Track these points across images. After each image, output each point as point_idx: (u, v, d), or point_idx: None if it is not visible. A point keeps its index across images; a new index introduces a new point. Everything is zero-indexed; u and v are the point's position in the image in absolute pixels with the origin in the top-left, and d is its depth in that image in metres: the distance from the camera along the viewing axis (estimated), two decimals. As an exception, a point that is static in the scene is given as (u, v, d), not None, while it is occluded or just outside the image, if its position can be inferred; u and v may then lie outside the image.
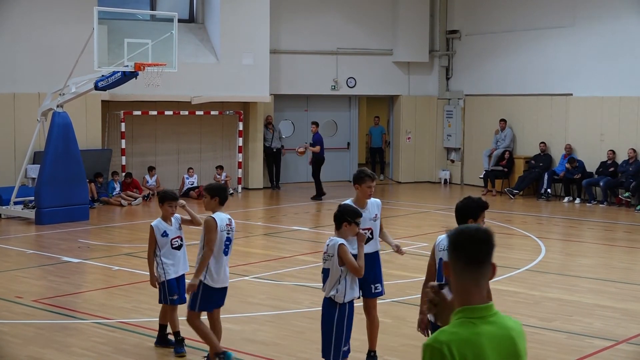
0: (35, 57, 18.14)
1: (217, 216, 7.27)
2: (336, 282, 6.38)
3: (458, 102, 23.85)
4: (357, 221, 6.43)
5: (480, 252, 3.00)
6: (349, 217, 6.40)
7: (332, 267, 6.38)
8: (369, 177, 7.32)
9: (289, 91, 22.70)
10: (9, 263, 12.06)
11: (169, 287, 7.68)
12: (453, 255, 3.01)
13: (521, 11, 22.11)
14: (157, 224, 7.74)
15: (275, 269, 11.63)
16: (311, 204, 19.27)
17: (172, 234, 7.74)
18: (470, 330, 2.92)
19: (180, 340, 7.75)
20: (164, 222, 7.76)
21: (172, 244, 7.71)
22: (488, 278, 3.05)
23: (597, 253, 13.57)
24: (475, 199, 5.75)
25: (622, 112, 19.76)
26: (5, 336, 8.21)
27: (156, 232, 7.69)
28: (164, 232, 7.71)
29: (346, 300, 6.38)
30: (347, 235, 6.42)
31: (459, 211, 5.67)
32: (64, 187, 15.85)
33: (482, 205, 5.69)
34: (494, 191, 21.31)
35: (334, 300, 6.38)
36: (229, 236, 7.29)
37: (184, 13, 21.23)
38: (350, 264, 6.31)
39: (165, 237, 7.70)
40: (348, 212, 6.46)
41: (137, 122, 20.44)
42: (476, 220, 5.61)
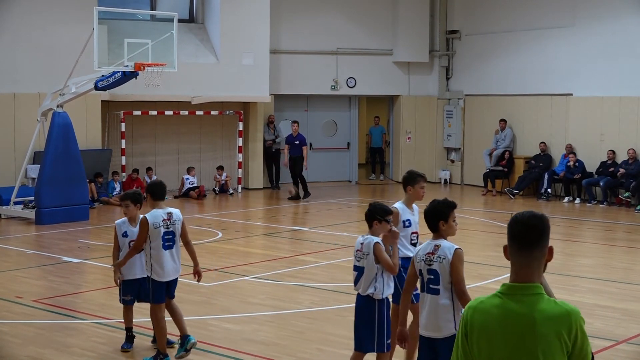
0: (35, 57, 18.14)
1: (150, 214, 7.36)
2: (373, 280, 6.36)
3: (458, 102, 23.85)
4: (387, 219, 6.37)
5: (529, 237, 3.22)
6: (378, 215, 6.36)
7: (367, 265, 6.36)
8: (422, 177, 7.24)
9: (289, 91, 22.70)
10: (9, 263, 12.06)
11: (122, 288, 7.79)
12: (508, 240, 3.27)
13: (521, 11, 22.11)
14: (120, 224, 7.79)
15: (275, 269, 11.63)
16: (311, 204, 19.26)
17: (132, 235, 7.66)
18: (492, 302, 3.18)
19: (130, 337, 7.86)
20: (127, 223, 7.76)
21: (129, 246, 7.64)
22: (542, 259, 3.25)
23: (597, 253, 13.57)
24: (442, 200, 5.71)
25: (622, 112, 19.76)
26: (5, 336, 8.21)
27: (117, 232, 7.74)
28: (125, 232, 7.75)
29: (384, 296, 6.38)
30: (379, 234, 6.38)
31: (428, 215, 5.61)
32: (64, 187, 15.85)
33: (450, 205, 5.68)
34: (494, 191, 21.31)
35: (373, 297, 6.36)
36: (168, 230, 7.39)
37: (184, 13, 21.23)
38: (386, 262, 6.29)
39: (124, 238, 7.72)
40: (378, 210, 6.40)
41: (137, 122, 20.44)
42: (447, 220, 5.59)
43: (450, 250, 5.48)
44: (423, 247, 5.63)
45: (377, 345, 6.38)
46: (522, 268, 3.20)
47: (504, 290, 3.18)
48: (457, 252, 5.49)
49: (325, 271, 11.54)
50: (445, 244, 5.53)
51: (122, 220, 7.83)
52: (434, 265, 5.49)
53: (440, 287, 5.47)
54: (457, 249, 5.50)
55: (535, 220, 3.24)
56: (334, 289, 10.38)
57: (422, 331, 5.56)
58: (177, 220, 7.49)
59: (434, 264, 5.49)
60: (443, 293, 5.47)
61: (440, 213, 5.59)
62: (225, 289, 10.32)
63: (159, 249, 7.35)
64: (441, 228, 5.59)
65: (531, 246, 3.21)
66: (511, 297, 3.15)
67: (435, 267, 5.49)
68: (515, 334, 3.09)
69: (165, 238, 7.38)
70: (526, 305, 3.13)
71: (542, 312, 3.10)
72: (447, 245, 5.52)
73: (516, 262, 3.22)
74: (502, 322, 3.12)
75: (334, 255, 12.73)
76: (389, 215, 6.41)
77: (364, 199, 20.73)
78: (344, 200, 19.89)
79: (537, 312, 3.10)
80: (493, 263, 12.28)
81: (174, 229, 7.45)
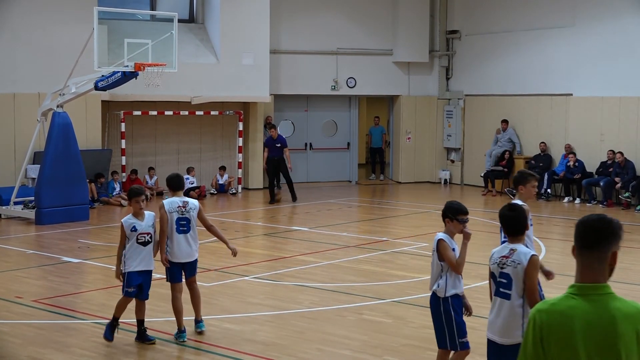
0: (35, 57, 18.14)
1: (167, 201, 8.16)
2: (438, 277, 6.33)
3: (458, 102, 23.85)
4: (458, 218, 6.32)
5: (589, 238, 3.28)
6: (450, 214, 6.34)
7: (433, 261, 6.36)
8: (533, 176, 7.19)
9: (289, 91, 22.70)
10: (9, 263, 12.06)
11: (128, 279, 7.95)
12: (575, 242, 3.32)
13: (521, 11, 22.11)
14: (127, 220, 8.01)
15: (275, 269, 11.63)
16: (311, 204, 19.25)
17: (141, 229, 7.95)
18: (567, 303, 3.19)
19: (113, 325, 7.98)
20: (134, 218, 8.00)
21: (137, 239, 7.92)
22: (604, 262, 3.28)
23: (597, 253, 13.55)
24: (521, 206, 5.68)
25: (622, 112, 19.76)
26: (5, 336, 8.21)
27: (125, 227, 7.95)
28: (133, 227, 7.95)
29: (447, 295, 6.29)
30: (453, 232, 6.35)
31: (509, 220, 5.54)
32: (64, 187, 15.85)
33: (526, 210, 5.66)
34: (494, 191, 21.32)
35: (436, 294, 6.33)
36: (183, 216, 8.10)
37: (184, 13, 21.23)
38: (449, 260, 6.25)
39: (133, 232, 7.93)
40: (450, 208, 6.37)
41: (137, 122, 20.44)
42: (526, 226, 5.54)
43: (526, 256, 5.37)
44: (498, 250, 5.56)
45: (450, 342, 6.33)
46: (584, 269, 3.26)
47: (576, 291, 3.20)
48: (532, 259, 5.38)
49: (325, 271, 11.54)
50: (522, 249, 5.43)
51: (128, 217, 8.03)
52: (506, 269, 5.39)
53: (512, 292, 5.37)
54: (533, 256, 5.39)
55: (600, 223, 3.31)
56: (334, 289, 10.38)
57: (490, 335, 5.48)
58: (192, 209, 8.17)
59: (506, 268, 5.40)
60: (515, 299, 5.37)
61: (522, 219, 5.54)
62: (225, 289, 10.32)
63: (172, 232, 8.06)
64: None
65: (591, 248, 3.26)
66: (585, 298, 3.17)
67: (508, 271, 5.39)
68: (599, 333, 3.11)
69: (180, 223, 8.08)
70: (602, 304, 3.16)
71: (619, 310, 3.14)
72: (524, 250, 5.42)
73: (579, 262, 3.28)
74: (583, 323, 3.13)
75: (334, 255, 12.73)
76: (461, 215, 6.35)
77: (364, 199, 20.74)
78: (344, 200, 19.89)
79: (615, 311, 3.13)
80: (493, 263, 12.27)
81: (189, 216, 8.13)
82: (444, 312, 6.29)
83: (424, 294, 10.08)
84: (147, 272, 8.03)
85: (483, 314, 9.12)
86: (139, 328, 8.03)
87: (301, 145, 23.60)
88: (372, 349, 7.78)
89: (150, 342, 7.94)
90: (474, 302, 9.72)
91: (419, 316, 8.98)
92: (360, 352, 7.68)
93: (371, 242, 14.04)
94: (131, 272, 7.93)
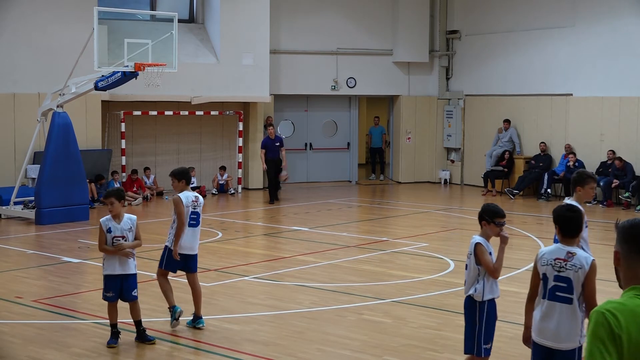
0: (35, 57, 18.15)
1: (182, 195, 8.43)
2: (474, 281, 6.25)
3: (458, 102, 23.85)
4: (495, 221, 6.25)
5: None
6: (487, 217, 6.28)
7: (470, 265, 6.28)
8: (591, 177, 7.13)
9: (289, 91, 22.70)
10: (9, 263, 12.06)
11: (105, 284, 7.98)
12: (624, 244, 3.28)
13: (521, 11, 22.12)
14: (104, 220, 8.02)
15: (275, 269, 11.63)
16: (311, 204, 19.26)
17: (116, 232, 7.91)
18: (635, 302, 3.17)
19: (115, 333, 7.97)
20: (111, 220, 7.99)
21: (113, 242, 7.90)
22: None
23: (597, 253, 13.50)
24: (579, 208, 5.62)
25: (622, 112, 19.76)
26: (5, 336, 8.21)
27: (103, 227, 7.96)
28: (109, 228, 7.96)
29: (485, 299, 6.22)
30: (489, 235, 6.28)
31: (568, 221, 5.43)
32: (64, 187, 15.85)
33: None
34: (494, 191, 21.32)
35: (473, 298, 6.25)
36: (195, 210, 8.49)
37: (184, 13, 21.23)
38: (486, 264, 6.17)
39: (108, 234, 7.94)
40: (487, 211, 6.29)
41: (137, 122, 20.45)
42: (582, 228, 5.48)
43: (587, 260, 5.29)
44: (550, 251, 5.45)
45: (476, 348, 6.25)
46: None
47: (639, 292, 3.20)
48: (594, 264, 5.30)
49: (325, 271, 11.54)
50: (581, 253, 5.35)
51: (106, 218, 8.01)
52: (566, 273, 5.30)
53: (573, 297, 5.29)
54: (594, 260, 5.32)
55: None
56: (334, 289, 10.38)
57: (539, 338, 5.39)
58: (201, 204, 8.58)
59: (566, 272, 5.30)
60: (575, 303, 5.29)
61: (581, 220, 5.47)
62: (225, 289, 10.32)
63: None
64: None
65: None
66: None
67: (568, 275, 5.29)
68: None
69: (191, 217, 8.44)
70: None
71: None
72: (583, 254, 5.34)
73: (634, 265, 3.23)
74: None
75: (334, 255, 12.73)
76: (498, 218, 6.27)
77: (364, 199, 20.74)
78: (344, 200, 19.89)
79: None
80: (493, 263, 12.27)
81: (199, 210, 8.54)
82: (479, 317, 6.22)
83: (424, 294, 10.10)
84: (125, 276, 7.92)
85: (483, 314, 9.14)
86: (137, 329, 8.02)
87: (301, 145, 23.60)
88: (372, 349, 7.78)
89: (150, 342, 7.93)
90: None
91: (419, 316, 8.99)
92: (360, 352, 7.68)
93: (371, 242, 14.04)
94: (108, 276, 7.92)
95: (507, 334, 8.25)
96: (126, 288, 7.91)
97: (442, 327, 8.54)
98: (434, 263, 12.14)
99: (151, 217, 17.04)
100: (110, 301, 7.94)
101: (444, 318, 8.93)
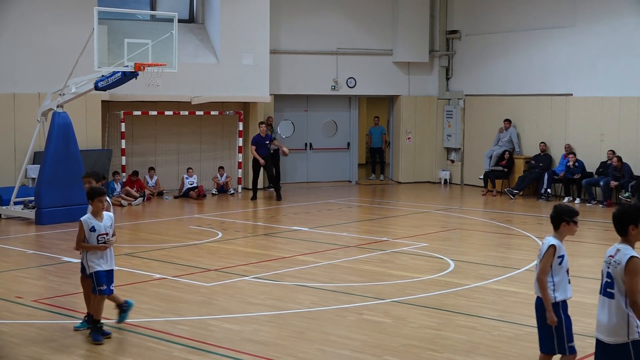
0: (35, 57, 18.15)
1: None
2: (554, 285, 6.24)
3: (458, 102, 23.85)
4: (575, 220, 6.23)
5: None
6: (567, 217, 6.23)
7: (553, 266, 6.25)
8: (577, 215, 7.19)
9: (289, 91, 22.70)
10: (9, 263, 12.06)
11: (97, 278, 8.07)
12: None
13: (521, 11, 22.12)
14: (86, 219, 8.14)
15: (275, 269, 11.63)
16: (311, 204, 19.26)
17: (100, 230, 8.09)
18: None
19: (98, 328, 8.03)
20: (93, 218, 8.14)
21: (98, 240, 8.07)
22: None
23: (598, 253, 13.54)
24: (633, 205, 5.59)
25: (622, 112, 19.76)
26: (5, 336, 8.21)
27: (85, 227, 8.08)
28: (92, 227, 8.08)
29: (557, 300, 6.21)
30: (565, 236, 6.26)
31: (617, 219, 5.48)
32: (64, 187, 15.85)
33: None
34: (494, 191, 21.32)
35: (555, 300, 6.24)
36: None
37: (184, 13, 21.23)
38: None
39: (92, 232, 8.06)
40: (566, 211, 6.25)
41: (137, 122, 20.45)
42: (637, 225, 5.41)
43: (625, 256, 5.35)
44: (610, 249, 5.55)
45: (558, 347, 6.26)
46: None
47: None
48: (632, 260, 5.34)
49: (325, 271, 11.54)
50: (625, 250, 5.40)
51: (87, 216, 8.18)
52: (610, 269, 5.44)
53: (614, 292, 5.41)
54: (632, 257, 5.35)
55: None
56: (334, 289, 10.38)
57: (597, 334, 5.55)
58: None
59: (610, 268, 5.44)
60: (618, 298, 5.40)
61: (631, 218, 5.46)
62: (225, 289, 10.32)
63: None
64: (630, 233, 5.45)
65: None
66: None
67: (611, 270, 5.43)
68: None
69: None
70: None
71: None
72: (626, 251, 5.39)
73: None
74: None
75: (334, 255, 12.73)
76: (576, 217, 6.26)
77: (364, 199, 20.73)
78: (344, 200, 19.89)
79: None
80: (493, 263, 12.28)
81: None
82: (556, 317, 6.21)
83: (424, 294, 10.10)
84: (110, 272, 8.19)
85: (483, 314, 9.14)
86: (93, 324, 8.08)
87: (301, 145, 23.61)
88: (372, 349, 7.78)
89: (107, 336, 8.05)
90: (474, 302, 9.76)
91: (419, 316, 8.99)
92: (360, 352, 7.67)
93: (371, 242, 14.04)
94: (100, 272, 8.06)
95: (507, 334, 8.25)
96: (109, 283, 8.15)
97: (442, 327, 8.54)
98: (434, 263, 12.14)
99: (150, 217, 17.04)
100: (107, 294, 8.09)
101: (444, 318, 8.93)
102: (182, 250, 12.93)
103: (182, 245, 13.42)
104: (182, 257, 12.30)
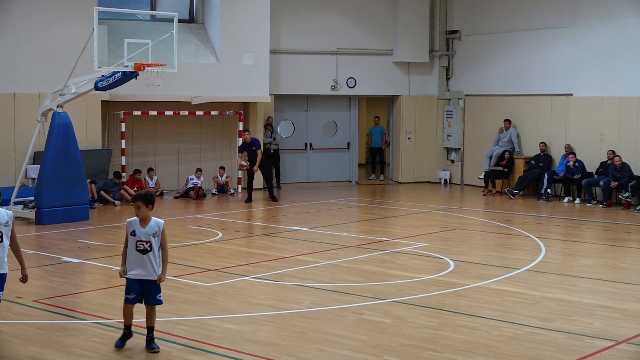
0: (35, 57, 18.15)
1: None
2: None
3: (458, 102, 23.86)
4: None
5: None
6: None
7: None
8: None
9: (289, 91, 22.71)
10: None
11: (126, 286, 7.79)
12: None
13: (521, 11, 22.12)
14: (130, 221, 7.79)
15: (275, 269, 11.63)
16: (311, 204, 19.25)
17: (140, 236, 7.70)
18: None
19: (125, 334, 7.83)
20: (137, 222, 7.76)
21: (136, 246, 7.69)
22: None
23: (597, 253, 13.56)
24: None
25: (622, 112, 19.76)
26: (5, 336, 8.21)
27: (128, 228, 7.76)
28: (133, 231, 7.75)
29: None
30: None
31: None
32: (64, 187, 15.85)
33: None
34: (494, 191, 21.32)
35: None
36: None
37: (184, 13, 21.23)
38: None
39: (132, 236, 7.73)
40: None
41: (137, 122, 20.45)
42: None
43: None
44: None
45: None
46: None
47: None
48: None
49: (325, 271, 11.54)
50: None
51: (134, 218, 7.80)
52: None
53: None
54: None
55: None
56: (334, 289, 10.38)
57: None
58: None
59: None
60: None
61: None
62: (225, 289, 10.32)
63: None
64: None
65: None
66: None
67: None
68: None
69: None
70: None
71: None
72: None
73: None
74: None
75: (334, 255, 12.73)
76: None
77: (364, 199, 20.73)
78: (344, 200, 19.89)
79: None
80: (493, 263, 12.27)
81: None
82: None
83: (424, 294, 10.10)
84: (146, 282, 7.71)
85: (483, 314, 9.14)
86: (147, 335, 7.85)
87: (301, 146, 23.61)
88: (372, 349, 7.78)
89: (154, 350, 7.72)
90: (474, 302, 9.76)
91: (419, 316, 8.99)
92: (360, 352, 7.67)
93: (371, 242, 14.04)
94: (130, 279, 7.75)
95: (507, 334, 8.25)
96: (148, 292, 7.72)
97: (442, 327, 8.54)
98: (434, 263, 12.14)
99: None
100: (128, 303, 7.76)
101: (444, 318, 8.93)
102: (182, 250, 12.93)
103: (182, 245, 13.42)
104: (182, 257, 12.30)
